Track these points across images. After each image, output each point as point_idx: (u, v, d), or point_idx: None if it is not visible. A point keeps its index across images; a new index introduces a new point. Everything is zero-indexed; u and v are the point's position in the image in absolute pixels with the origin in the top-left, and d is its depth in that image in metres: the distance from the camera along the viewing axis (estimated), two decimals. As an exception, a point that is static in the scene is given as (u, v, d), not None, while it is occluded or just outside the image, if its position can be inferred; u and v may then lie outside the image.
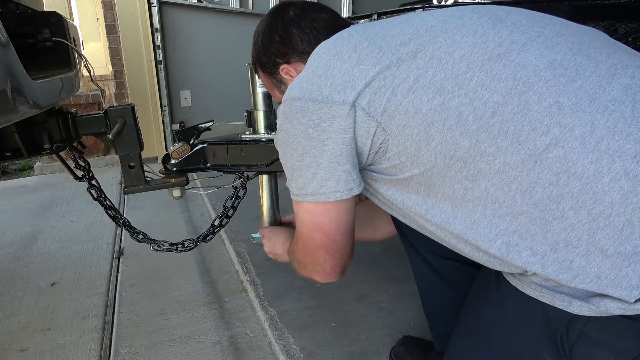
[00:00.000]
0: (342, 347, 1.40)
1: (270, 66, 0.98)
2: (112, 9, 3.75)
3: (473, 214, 0.69)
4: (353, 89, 0.71)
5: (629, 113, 0.60)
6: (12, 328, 1.56)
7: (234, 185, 1.39)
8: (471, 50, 0.68)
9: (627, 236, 0.59)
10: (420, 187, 0.73)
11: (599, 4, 1.43)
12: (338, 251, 0.82)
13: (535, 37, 0.68)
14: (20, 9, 1.28)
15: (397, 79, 0.69)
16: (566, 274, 0.63)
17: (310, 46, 0.90)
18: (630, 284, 0.60)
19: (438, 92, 0.67)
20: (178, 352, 1.42)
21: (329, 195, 0.75)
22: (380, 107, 0.70)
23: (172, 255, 1.92)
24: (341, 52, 0.75)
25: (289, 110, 0.76)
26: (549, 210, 0.62)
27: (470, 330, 0.85)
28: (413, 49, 0.70)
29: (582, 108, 0.61)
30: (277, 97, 1.05)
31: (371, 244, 2.04)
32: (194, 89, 3.64)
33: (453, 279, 1.09)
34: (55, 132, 1.24)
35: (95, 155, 3.87)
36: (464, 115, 0.65)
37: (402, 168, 0.73)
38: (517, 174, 0.64)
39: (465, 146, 0.66)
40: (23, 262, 2.07)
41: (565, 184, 0.61)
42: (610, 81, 0.63)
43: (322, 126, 0.72)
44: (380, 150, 0.73)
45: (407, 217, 0.81)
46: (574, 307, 0.65)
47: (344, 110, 0.71)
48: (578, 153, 0.60)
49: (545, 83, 0.63)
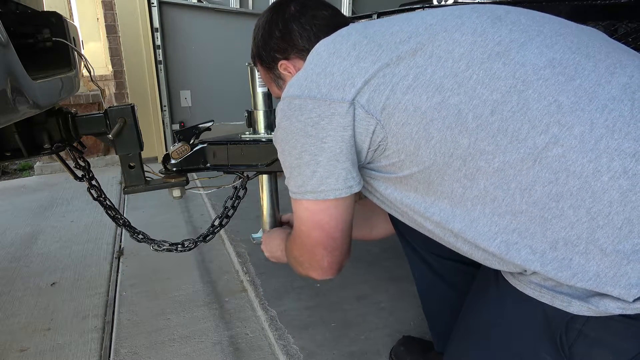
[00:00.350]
0: (342, 347, 1.40)
1: (269, 61, 0.98)
2: (112, 9, 3.75)
3: (472, 212, 0.69)
4: (352, 87, 0.70)
5: (627, 112, 0.60)
6: (12, 328, 1.56)
7: (234, 185, 1.39)
8: (470, 49, 0.68)
9: (626, 234, 0.59)
10: (419, 185, 0.73)
11: (599, 4, 1.43)
12: (336, 248, 0.82)
13: (535, 36, 0.68)
14: (20, 9, 1.28)
15: (397, 77, 0.69)
16: (565, 272, 0.63)
17: (309, 43, 0.90)
18: (629, 283, 0.60)
19: (437, 90, 0.67)
20: (178, 352, 1.42)
21: (328, 193, 0.75)
22: (379, 105, 0.70)
23: (172, 255, 1.92)
24: (340, 50, 0.75)
25: (287, 108, 0.76)
26: (548, 208, 0.62)
27: (470, 330, 0.85)
28: (412, 47, 0.70)
29: (581, 107, 0.61)
30: (275, 92, 1.05)
31: (371, 244, 2.04)
32: (194, 89, 3.64)
33: (452, 278, 1.09)
34: (55, 132, 1.24)
35: (95, 155, 3.87)
36: (463, 114, 0.65)
37: (402, 166, 0.73)
38: (516, 172, 0.64)
39: (464, 144, 0.66)
40: (23, 262, 2.07)
41: (565, 183, 0.61)
42: (609, 80, 0.63)
43: (321, 124, 0.72)
44: (379, 148, 0.73)
45: (406, 215, 0.80)
46: (574, 307, 0.65)
47: (342, 108, 0.71)
48: (577, 152, 0.60)
49: (545, 82, 0.63)
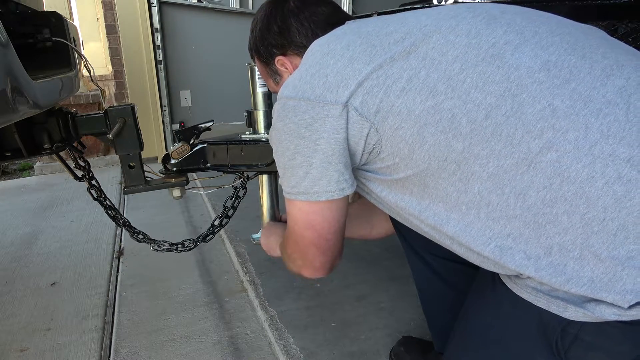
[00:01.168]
0: (342, 347, 1.40)
1: (266, 56, 0.97)
2: (112, 9, 3.75)
3: (467, 217, 0.68)
4: (346, 89, 0.70)
5: (622, 116, 0.59)
6: (12, 328, 1.56)
7: (234, 185, 1.39)
8: (465, 51, 0.67)
9: (621, 241, 0.59)
10: (415, 188, 0.73)
11: (599, 4, 1.42)
12: (329, 249, 0.83)
13: (530, 37, 0.67)
14: (20, 9, 1.28)
15: (390, 79, 0.68)
16: (560, 278, 0.62)
17: (307, 40, 0.89)
18: (624, 289, 0.59)
19: (431, 94, 0.66)
20: (178, 352, 1.42)
21: (320, 195, 0.75)
22: (373, 108, 0.69)
23: (172, 255, 1.92)
24: (334, 50, 0.74)
25: (281, 109, 0.76)
26: (542, 214, 0.62)
27: (468, 332, 0.85)
28: (406, 48, 0.69)
29: (576, 111, 0.60)
30: (272, 87, 1.04)
31: (371, 244, 2.04)
32: (194, 89, 3.64)
33: (452, 279, 1.09)
34: (55, 132, 1.24)
35: (95, 155, 3.86)
36: (457, 118, 0.65)
37: (397, 169, 0.73)
38: (510, 177, 0.63)
39: (458, 149, 0.65)
40: (23, 262, 2.07)
41: (559, 188, 0.60)
42: (604, 83, 0.62)
43: (314, 126, 0.72)
44: (374, 150, 0.73)
45: (402, 217, 0.81)
46: (569, 313, 0.64)
47: (336, 110, 0.70)
48: (571, 157, 0.60)
49: (539, 85, 0.62)
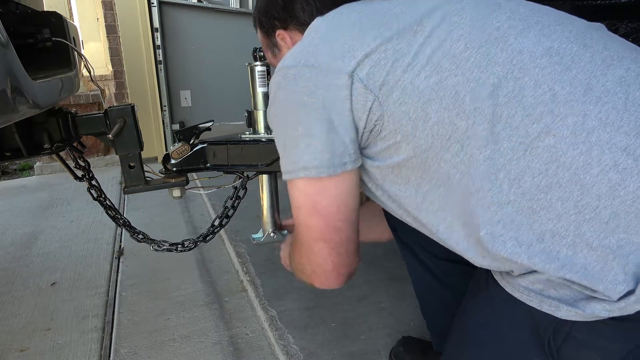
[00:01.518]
0: (342, 347, 1.40)
1: (268, 27, 0.96)
2: (112, 9, 3.76)
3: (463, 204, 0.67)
4: (352, 58, 0.68)
5: (621, 105, 0.60)
6: (12, 328, 1.56)
7: (234, 185, 1.39)
8: (469, 32, 0.67)
9: (612, 229, 0.58)
10: (413, 175, 0.71)
11: (599, 4, 1.43)
12: (340, 244, 0.75)
13: (533, 24, 0.67)
14: (20, 9, 1.28)
15: (398, 53, 0.67)
16: (553, 264, 0.62)
17: (310, 17, 0.87)
18: (616, 279, 0.59)
19: (435, 70, 0.66)
20: (178, 352, 1.42)
21: (321, 170, 0.69)
22: (379, 81, 0.68)
23: (172, 255, 1.92)
24: (341, 25, 0.73)
25: (282, 79, 0.73)
26: (537, 200, 0.62)
27: (464, 331, 0.85)
28: (414, 27, 0.69)
29: (576, 98, 0.61)
30: (270, 60, 1.03)
31: (372, 244, 2.03)
32: (194, 89, 3.64)
33: (449, 279, 1.09)
34: (55, 132, 1.24)
35: (95, 155, 3.87)
36: (460, 95, 0.64)
37: (397, 149, 0.70)
38: (506, 161, 0.63)
39: (462, 127, 0.64)
40: (23, 262, 2.07)
41: (554, 174, 0.60)
42: (605, 72, 0.62)
43: (317, 93, 0.69)
44: (375, 128, 0.70)
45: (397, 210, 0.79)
46: (561, 312, 0.64)
47: (341, 80, 0.68)
48: (568, 143, 0.60)
49: (541, 70, 0.63)
